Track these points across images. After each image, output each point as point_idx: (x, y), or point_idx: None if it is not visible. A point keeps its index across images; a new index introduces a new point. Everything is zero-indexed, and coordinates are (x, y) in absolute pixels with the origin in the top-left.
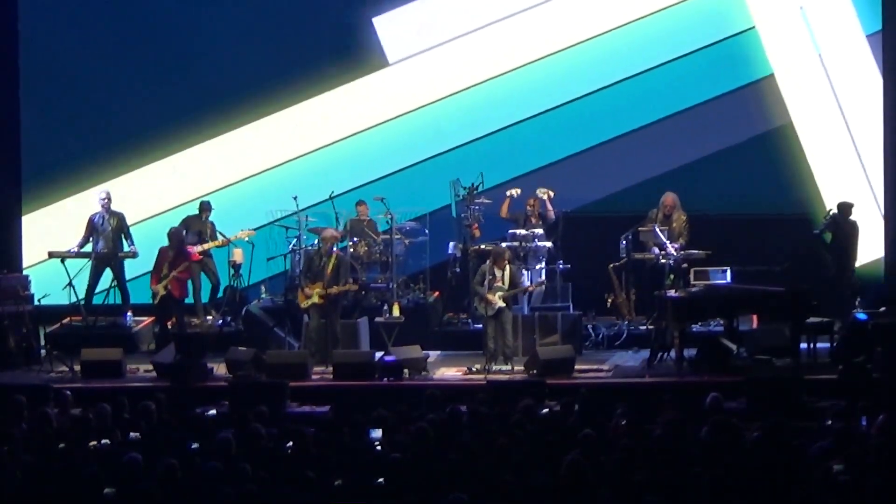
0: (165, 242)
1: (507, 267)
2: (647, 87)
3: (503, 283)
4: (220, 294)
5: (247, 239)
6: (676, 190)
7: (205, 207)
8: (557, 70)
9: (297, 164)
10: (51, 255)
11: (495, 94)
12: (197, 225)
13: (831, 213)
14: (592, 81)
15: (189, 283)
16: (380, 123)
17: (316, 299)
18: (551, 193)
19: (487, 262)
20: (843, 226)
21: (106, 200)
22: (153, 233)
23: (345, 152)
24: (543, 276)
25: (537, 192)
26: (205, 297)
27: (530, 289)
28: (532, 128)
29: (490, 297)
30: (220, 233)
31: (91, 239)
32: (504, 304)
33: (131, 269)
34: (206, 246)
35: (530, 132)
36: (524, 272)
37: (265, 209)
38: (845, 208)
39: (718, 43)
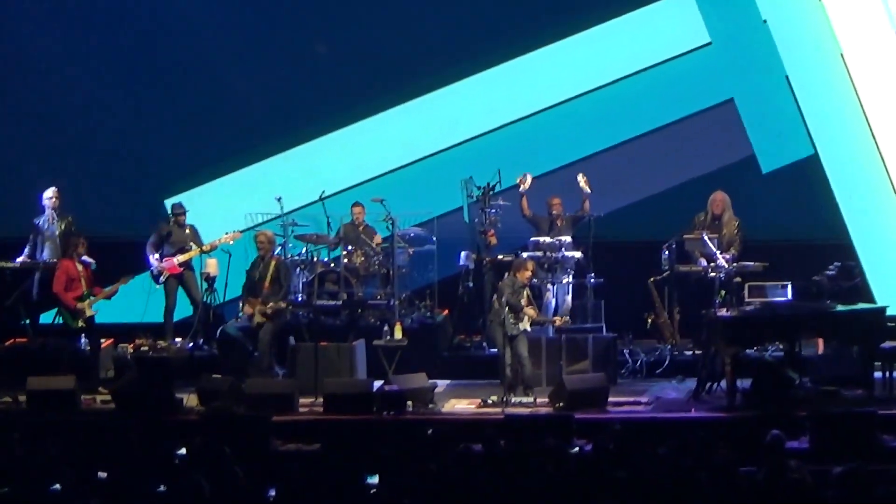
0: None
1: (526, 288)
2: (693, 68)
3: (530, 303)
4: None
5: (232, 242)
6: (727, 190)
7: (178, 210)
8: (588, 49)
9: (282, 160)
10: None
11: (515, 78)
12: (175, 232)
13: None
14: (630, 61)
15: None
16: (379, 112)
17: (258, 318)
18: (588, 190)
19: (507, 274)
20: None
21: (53, 200)
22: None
23: (337, 146)
24: (570, 294)
25: (577, 177)
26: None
27: (557, 322)
28: (558, 117)
29: (531, 311)
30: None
31: (37, 246)
32: (529, 329)
33: None
34: (186, 255)
35: (556, 122)
36: (549, 287)
37: (243, 212)
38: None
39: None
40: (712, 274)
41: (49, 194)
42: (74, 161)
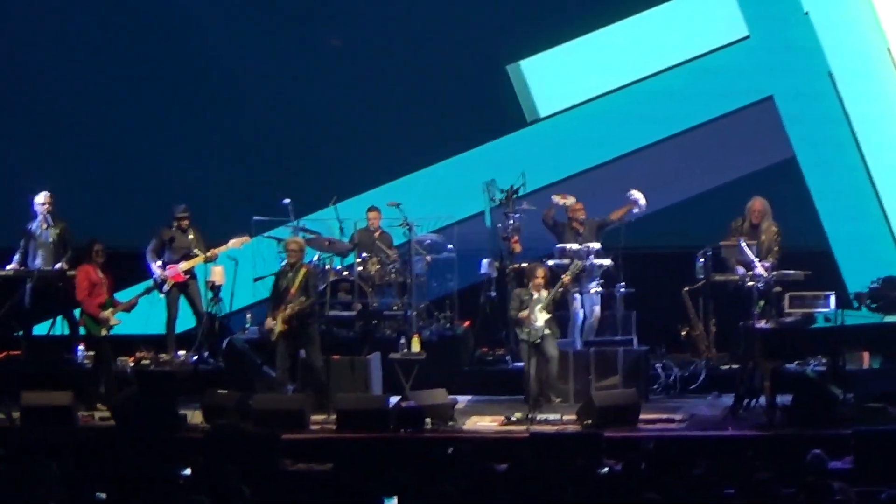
0: None
1: (543, 291)
2: (730, 63)
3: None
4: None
5: (240, 247)
6: (766, 194)
7: (181, 214)
8: (616, 44)
9: (293, 160)
10: None
11: (539, 75)
12: (178, 238)
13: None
14: (662, 57)
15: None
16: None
17: (280, 326)
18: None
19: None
20: None
21: (46, 205)
22: None
23: (351, 148)
24: (598, 302)
25: (631, 194)
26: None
27: (566, 280)
28: (585, 115)
29: (525, 314)
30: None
31: (28, 253)
32: (550, 316)
33: None
34: (190, 263)
35: (583, 121)
36: (576, 297)
37: (251, 217)
38: None
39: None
40: (750, 283)
41: (41, 199)
42: (70, 165)
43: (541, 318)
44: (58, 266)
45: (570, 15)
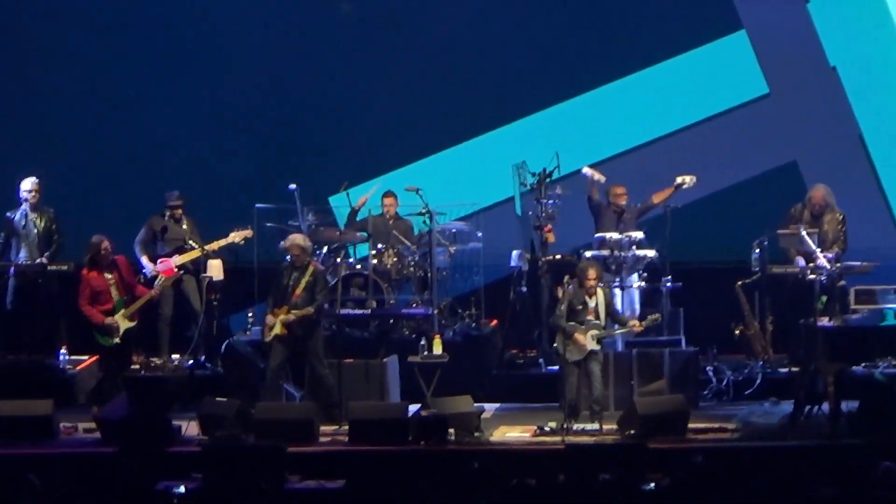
0: None
1: (599, 292)
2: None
3: (597, 317)
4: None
5: (241, 241)
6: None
7: (174, 202)
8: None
9: (299, 142)
10: None
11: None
12: (171, 228)
13: None
14: (713, 27)
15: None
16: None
17: (278, 329)
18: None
19: (572, 284)
20: None
21: (33, 193)
22: None
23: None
24: (639, 300)
25: (680, 179)
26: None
27: (638, 328)
28: (627, 89)
29: (581, 337)
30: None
31: (10, 246)
32: (598, 347)
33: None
34: (186, 256)
35: (624, 97)
36: (616, 293)
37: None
38: None
39: None
40: (812, 276)
41: (28, 186)
42: (58, 150)
43: (591, 345)
44: (39, 261)
45: None
